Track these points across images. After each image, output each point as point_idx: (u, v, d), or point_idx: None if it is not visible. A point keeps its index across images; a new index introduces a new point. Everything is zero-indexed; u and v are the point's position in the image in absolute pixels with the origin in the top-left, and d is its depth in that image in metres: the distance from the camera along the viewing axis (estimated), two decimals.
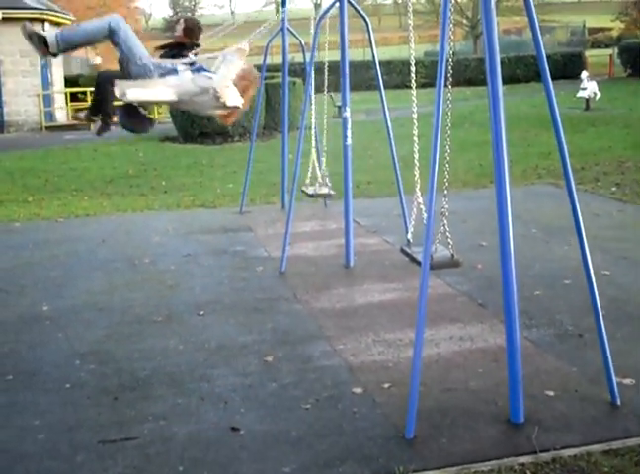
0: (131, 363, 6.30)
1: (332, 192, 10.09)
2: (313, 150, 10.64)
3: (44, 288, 8.62)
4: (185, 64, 6.63)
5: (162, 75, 6.51)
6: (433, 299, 6.51)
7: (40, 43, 6.42)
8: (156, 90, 6.50)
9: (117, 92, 6.39)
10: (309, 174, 10.64)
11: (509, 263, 5.01)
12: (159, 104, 6.48)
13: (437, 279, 7.99)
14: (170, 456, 4.78)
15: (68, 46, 6.52)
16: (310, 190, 10.34)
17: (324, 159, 10.14)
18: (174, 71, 6.56)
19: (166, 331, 7.07)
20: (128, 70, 6.49)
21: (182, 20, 7.30)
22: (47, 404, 5.61)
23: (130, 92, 6.40)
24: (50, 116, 32.40)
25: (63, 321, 7.48)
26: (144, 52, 6.57)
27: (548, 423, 5.02)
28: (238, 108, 6.52)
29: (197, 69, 6.63)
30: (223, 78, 6.35)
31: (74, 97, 33.99)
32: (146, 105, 6.91)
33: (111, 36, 6.42)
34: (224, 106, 6.42)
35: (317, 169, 10.48)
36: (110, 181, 17.07)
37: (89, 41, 6.85)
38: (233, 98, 6.34)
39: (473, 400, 5.38)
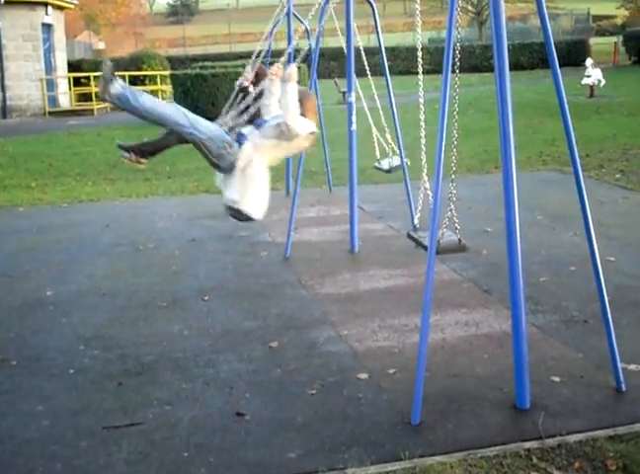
0: (136, 348, 6.29)
1: (406, 160, 9.56)
2: (373, 128, 10.23)
3: (48, 273, 8.61)
4: (247, 126, 6.42)
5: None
6: (438, 285, 6.49)
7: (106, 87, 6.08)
8: (253, 174, 6.22)
9: (229, 204, 6.42)
10: (377, 151, 10.14)
11: (515, 249, 4.98)
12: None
13: (442, 265, 7.98)
14: (175, 442, 4.77)
15: (129, 110, 6.00)
16: (384, 164, 9.85)
17: (389, 134, 9.74)
18: (242, 136, 6.25)
19: (171, 316, 7.06)
20: (214, 158, 6.25)
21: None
22: (52, 389, 5.60)
23: (245, 205, 6.40)
24: (54, 100, 32.40)
25: (67, 306, 7.47)
26: (219, 130, 6.29)
27: (554, 408, 5.00)
28: (314, 132, 6.32)
29: (258, 125, 6.39)
30: (289, 111, 6.02)
31: (77, 82, 33.94)
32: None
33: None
34: (301, 136, 6.15)
35: (385, 144, 10.01)
36: (114, 166, 17.03)
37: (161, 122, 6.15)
38: (305, 125, 6.14)
39: (479, 386, 5.37)
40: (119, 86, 5.90)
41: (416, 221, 6.03)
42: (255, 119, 6.46)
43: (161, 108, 5.93)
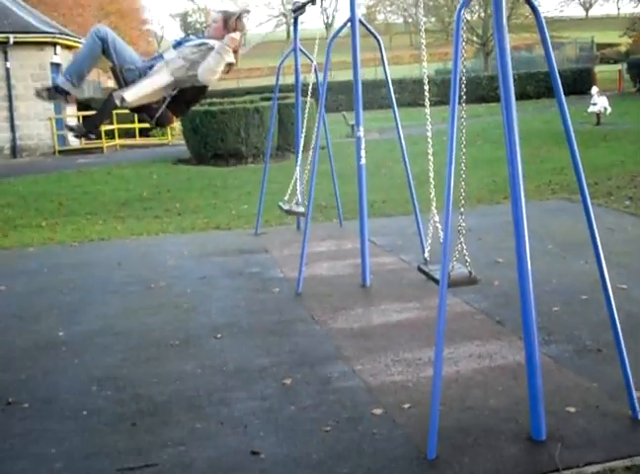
0: (149, 388, 6.27)
1: (303, 210, 10.18)
2: (297, 168, 10.62)
3: (60, 314, 8.61)
4: (168, 49, 6.83)
5: (151, 67, 6.63)
6: (450, 317, 6.47)
7: (58, 93, 6.51)
8: (150, 80, 6.57)
9: (116, 101, 6.44)
10: (289, 190, 10.70)
11: (526, 279, 4.97)
12: (162, 96, 6.47)
13: (454, 297, 7.96)
14: None
15: (81, 76, 6.57)
16: (286, 206, 10.51)
17: (305, 178, 10.07)
18: (160, 57, 6.71)
19: (183, 354, 7.04)
20: (123, 77, 6.56)
21: (219, 13, 7.23)
22: (64, 432, 5.57)
23: (128, 95, 6.46)
24: (63, 139, 32.57)
25: (79, 346, 7.46)
26: (135, 56, 6.66)
27: (570, 439, 4.96)
28: (232, 64, 6.69)
29: (178, 43, 6.75)
30: (208, 71, 6.53)
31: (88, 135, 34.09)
32: (152, 102, 6.83)
33: (102, 46, 6.47)
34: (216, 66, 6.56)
35: (298, 187, 10.53)
36: (124, 204, 17.11)
37: (94, 60, 6.72)
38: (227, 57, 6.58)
39: (494, 418, 5.34)
40: (55, 82, 6.57)
41: (426, 254, 6.01)
42: None
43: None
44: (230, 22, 6.88)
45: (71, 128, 7.25)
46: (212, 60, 6.53)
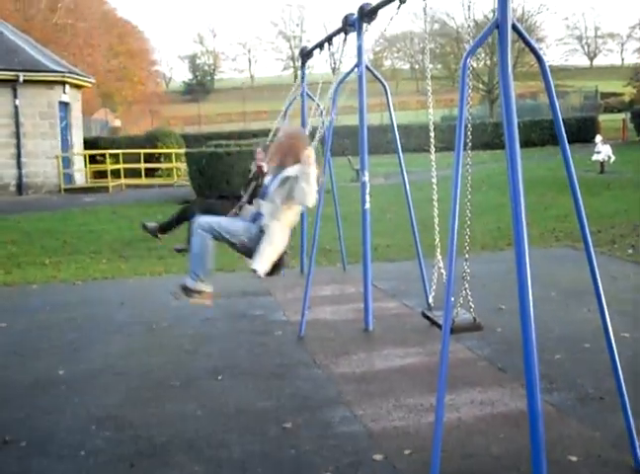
0: (149, 429, 6.24)
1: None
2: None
3: (61, 352, 8.59)
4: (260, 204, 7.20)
5: (254, 220, 7.14)
6: (453, 363, 6.44)
7: (192, 292, 7.36)
8: (273, 247, 6.96)
9: (260, 273, 6.93)
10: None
11: (529, 326, 4.95)
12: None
13: (457, 344, 7.93)
14: None
15: (206, 271, 7.42)
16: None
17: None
18: (259, 215, 7.13)
19: (184, 396, 7.02)
20: (246, 247, 7.10)
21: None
22: (62, 472, 5.53)
23: (261, 267, 6.96)
24: (69, 178, 32.76)
25: (79, 385, 7.43)
26: (240, 223, 7.14)
27: None
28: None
29: (263, 194, 7.20)
30: (308, 195, 6.79)
31: (93, 159, 34.44)
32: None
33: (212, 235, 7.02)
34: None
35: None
36: (128, 243, 17.13)
37: (210, 252, 7.31)
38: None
39: (495, 466, 5.30)
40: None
41: (430, 300, 6.02)
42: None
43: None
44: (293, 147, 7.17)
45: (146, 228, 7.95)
46: (305, 185, 6.73)
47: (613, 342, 5.28)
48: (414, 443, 5.71)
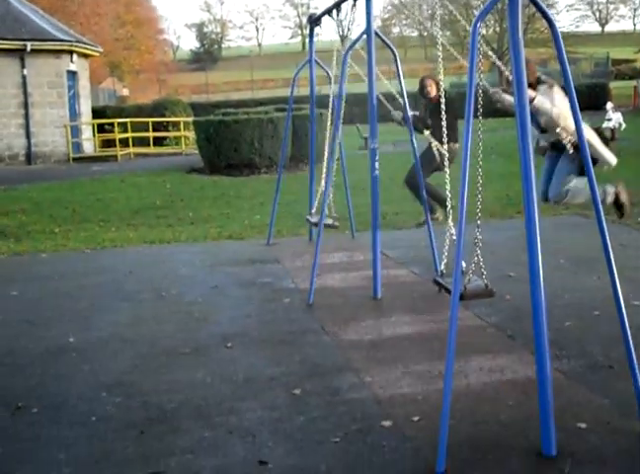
0: (158, 396, 6.27)
1: (336, 223, 10.13)
2: (323, 180, 10.61)
3: (71, 320, 8.62)
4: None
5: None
6: (462, 331, 6.43)
7: None
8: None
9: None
10: (316, 203, 10.71)
11: (539, 293, 4.96)
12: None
13: (465, 311, 7.93)
14: None
15: None
16: (314, 218, 10.55)
17: (332, 189, 10.01)
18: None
19: (193, 363, 7.04)
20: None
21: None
22: (73, 437, 5.57)
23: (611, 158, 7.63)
24: (78, 147, 32.70)
25: (90, 353, 7.47)
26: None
27: (581, 456, 4.93)
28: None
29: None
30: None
31: (101, 128, 34.35)
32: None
33: None
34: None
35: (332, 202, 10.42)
36: (137, 212, 17.14)
37: None
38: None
39: (504, 433, 5.31)
40: None
41: (442, 267, 6.01)
42: None
43: None
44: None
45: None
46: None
47: (624, 309, 5.27)
48: (422, 410, 5.72)
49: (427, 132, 9.75)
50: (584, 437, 5.19)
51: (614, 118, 27.65)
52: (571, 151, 7.27)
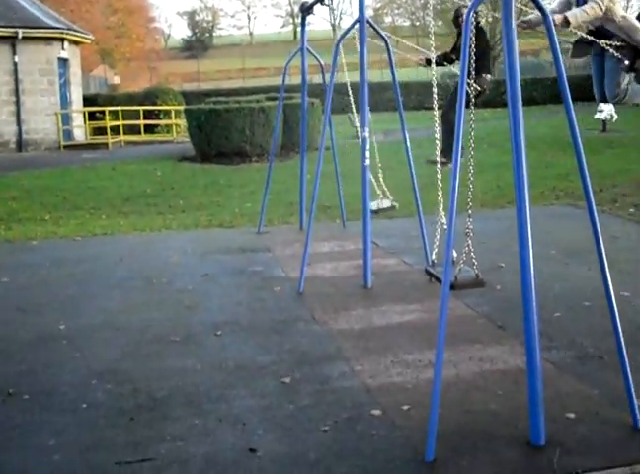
0: (149, 383, 6.27)
1: (395, 204, 10.00)
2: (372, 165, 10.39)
3: (61, 307, 8.61)
4: None
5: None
6: (452, 320, 6.44)
7: None
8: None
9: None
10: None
11: (529, 284, 4.97)
12: None
13: (456, 301, 7.94)
14: None
15: None
16: (373, 205, 9.84)
17: (381, 174, 9.85)
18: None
19: (184, 351, 7.04)
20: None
21: None
22: (63, 424, 5.57)
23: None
24: (69, 134, 32.64)
25: (80, 340, 7.46)
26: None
27: (569, 446, 4.95)
28: None
29: None
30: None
31: (92, 116, 34.28)
32: None
33: None
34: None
35: (376, 185, 10.16)
36: (127, 199, 17.14)
37: None
38: None
39: (493, 422, 5.33)
40: None
41: (433, 256, 6.02)
42: None
43: None
44: None
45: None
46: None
47: (614, 301, 5.29)
48: (412, 399, 5.73)
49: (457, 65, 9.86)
50: (572, 428, 5.21)
51: (606, 110, 27.52)
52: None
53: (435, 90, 6.70)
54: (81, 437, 5.34)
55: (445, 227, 5.81)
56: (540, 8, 5.19)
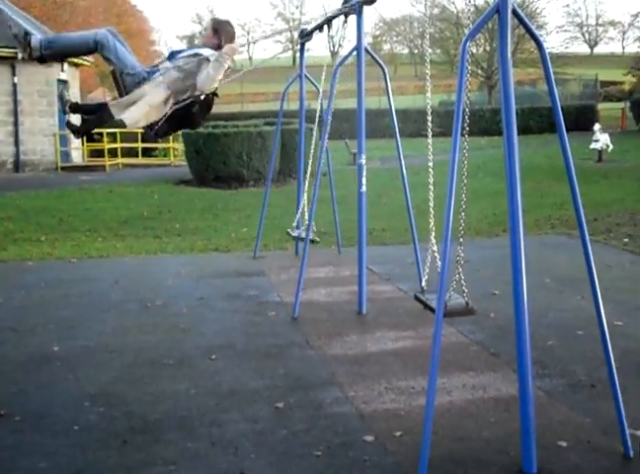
0: (142, 406, 6.27)
1: (317, 238, 10.11)
2: (305, 195, 10.64)
3: (56, 328, 8.61)
4: (164, 61, 7.03)
5: (149, 73, 6.78)
6: (445, 347, 6.48)
7: (26, 45, 6.57)
8: (147, 98, 6.61)
9: (116, 116, 6.48)
10: (297, 217, 10.82)
11: (522, 312, 4.99)
12: (163, 113, 6.61)
13: (449, 328, 7.97)
14: None
15: (51, 52, 6.66)
16: (295, 232, 10.62)
17: (315, 205, 9.98)
18: (156, 69, 6.84)
19: (177, 374, 7.04)
20: (123, 82, 6.70)
21: (210, 21, 7.54)
22: (55, 446, 5.56)
23: (127, 118, 6.51)
24: (66, 156, 32.67)
25: (74, 362, 7.46)
26: (135, 62, 6.76)
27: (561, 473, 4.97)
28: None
29: (171, 55, 7.00)
30: (209, 80, 6.73)
31: (90, 138, 34.18)
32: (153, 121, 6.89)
33: (100, 50, 6.61)
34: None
35: (306, 214, 10.41)
36: (124, 222, 17.14)
37: (73, 51, 7.09)
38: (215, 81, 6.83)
39: (485, 450, 5.33)
40: (33, 35, 6.59)
41: (424, 283, 6.04)
42: None
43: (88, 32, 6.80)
44: (220, 30, 7.07)
45: (72, 128, 7.24)
46: (212, 70, 6.71)
47: (607, 330, 5.31)
48: (405, 425, 5.74)
49: None
50: (564, 456, 5.22)
51: (602, 140, 27.80)
52: None
53: (430, 118, 6.73)
54: (73, 460, 5.33)
55: (437, 255, 5.84)
56: (535, 39, 5.25)
